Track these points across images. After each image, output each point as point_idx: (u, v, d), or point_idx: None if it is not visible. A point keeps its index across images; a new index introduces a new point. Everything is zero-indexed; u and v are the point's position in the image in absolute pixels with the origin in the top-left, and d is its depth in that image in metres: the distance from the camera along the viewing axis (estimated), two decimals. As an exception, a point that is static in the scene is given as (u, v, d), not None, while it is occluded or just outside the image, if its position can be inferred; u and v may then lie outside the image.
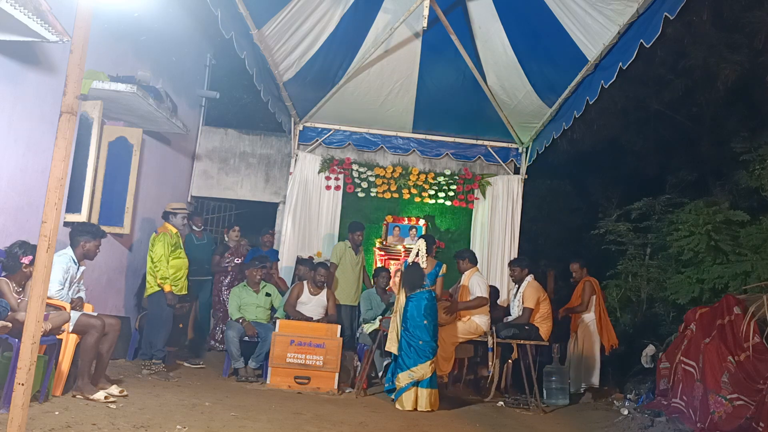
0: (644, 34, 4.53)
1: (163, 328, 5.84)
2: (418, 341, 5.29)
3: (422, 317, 5.34)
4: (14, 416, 2.44)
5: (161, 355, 5.80)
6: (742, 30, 7.83)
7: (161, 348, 5.80)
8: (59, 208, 2.54)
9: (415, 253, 5.59)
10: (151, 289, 5.87)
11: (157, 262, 5.79)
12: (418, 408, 5.22)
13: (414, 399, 5.24)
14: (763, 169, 7.11)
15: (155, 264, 5.81)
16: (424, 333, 5.31)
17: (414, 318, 5.35)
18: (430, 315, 5.39)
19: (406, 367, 5.26)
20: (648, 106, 9.42)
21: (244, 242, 7.64)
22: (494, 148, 8.45)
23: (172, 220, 6.07)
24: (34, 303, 2.49)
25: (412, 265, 5.55)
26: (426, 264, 5.53)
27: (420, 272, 5.49)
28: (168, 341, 5.93)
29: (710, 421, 4.50)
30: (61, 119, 2.57)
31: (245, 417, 4.31)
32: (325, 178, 8.24)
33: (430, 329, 5.35)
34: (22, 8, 3.59)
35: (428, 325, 5.35)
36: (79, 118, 5.09)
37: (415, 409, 5.21)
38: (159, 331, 5.82)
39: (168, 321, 5.88)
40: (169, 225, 6.03)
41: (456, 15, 6.34)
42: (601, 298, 6.73)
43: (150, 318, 5.92)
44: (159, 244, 5.83)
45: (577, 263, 6.89)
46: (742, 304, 4.95)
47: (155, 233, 5.97)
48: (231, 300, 6.39)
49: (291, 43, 6.14)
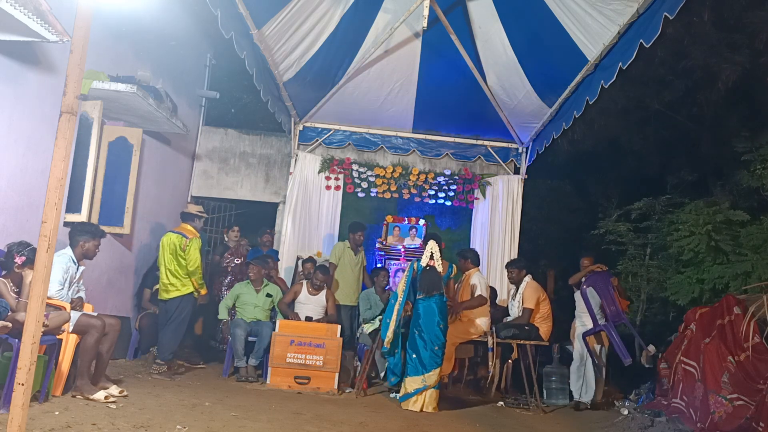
0: (644, 34, 4.53)
1: (184, 331, 5.91)
2: (434, 347, 5.25)
3: (439, 320, 5.30)
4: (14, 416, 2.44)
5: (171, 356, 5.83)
6: (743, 30, 7.82)
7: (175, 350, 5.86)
8: (59, 208, 2.54)
9: (428, 256, 5.51)
10: (176, 292, 5.80)
11: (196, 268, 5.82)
12: (424, 409, 5.21)
13: (423, 402, 5.23)
14: (764, 168, 7.10)
15: (193, 270, 5.81)
16: (440, 337, 5.29)
17: (429, 322, 5.29)
18: (444, 318, 5.38)
19: (421, 372, 5.22)
20: (648, 106, 9.40)
21: (243, 242, 7.64)
22: (494, 148, 8.45)
23: (195, 223, 6.08)
24: (34, 303, 2.48)
25: (429, 268, 5.46)
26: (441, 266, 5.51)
27: (438, 276, 5.45)
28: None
29: (710, 421, 4.50)
30: (61, 119, 2.57)
31: (245, 417, 4.31)
32: (325, 178, 8.24)
33: (444, 333, 5.34)
34: (22, 8, 3.60)
35: (444, 329, 5.34)
36: (79, 118, 5.09)
37: (421, 410, 5.20)
38: (178, 334, 5.84)
39: (186, 323, 5.94)
40: (189, 226, 6.02)
41: (456, 15, 6.34)
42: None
43: (171, 320, 5.80)
44: (195, 250, 5.84)
45: (589, 257, 6.42)
46: (742, 304, 4.95)
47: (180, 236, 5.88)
48: (228, 296, 6.41)
49: (291, 43, 6.14)
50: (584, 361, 6.04)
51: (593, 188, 10.83)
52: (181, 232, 5.95)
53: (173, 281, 5.81)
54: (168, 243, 5.88)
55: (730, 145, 7.78)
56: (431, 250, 5.52)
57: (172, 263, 5.81)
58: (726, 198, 7.76)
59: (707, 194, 8.27)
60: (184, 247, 5.81)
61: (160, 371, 5.66)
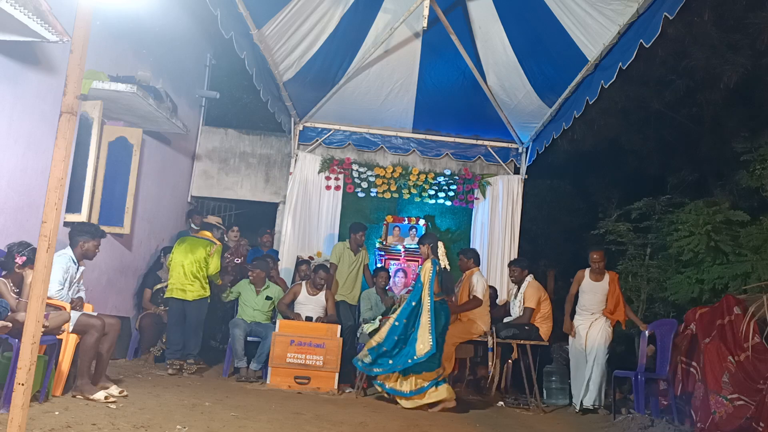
0: (644, 34, 4.54)
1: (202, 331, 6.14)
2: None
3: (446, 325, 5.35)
4: (14, 416, 2.43)
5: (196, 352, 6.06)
6: (744, 30, 7.82)
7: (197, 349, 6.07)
8: (59, 208, 2.54)
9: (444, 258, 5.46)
10: (196, 294, 6.02)
11: (216, 273, 6.16)
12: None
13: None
14: (763, 169, 7.10)
15: (213, 275, 6.14)
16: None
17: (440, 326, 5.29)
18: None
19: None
20: (648, 107, 9.41)
21: (243, 242, 7.64)
22: (494, 148, 8.45)
23: (215, 233, 6.35)
24: (34, 303, 2.48)
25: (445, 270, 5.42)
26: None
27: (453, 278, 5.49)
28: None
29: (711, 421, 4.50)
30: (61, 119, 2.56)
31: (245, 417, 4.31)
32: (325, 178, 8.24)
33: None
34: (22, 8, 3.59)
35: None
36: (79, 118, 5.09)
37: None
38: (198, 334, 6.07)
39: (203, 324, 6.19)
40: (209, 233, 6.26)
41: (456, 15, 6.34)
42: None
43: (193, 320, 6.01)
44: (219, 259, 6.17)
45: (599, 251, 6.06)
46: (742, 304, 4.95)
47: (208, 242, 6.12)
48: (233, 289, 6.52)
49: (291, 43, 6.14)
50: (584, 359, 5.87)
51: (593, 188, 10.83)
52: (207, 238, 6.19)
53: (193, 282, 6.00)
54: (192, 247, 6.06)
55: (730, 145, 7.79)
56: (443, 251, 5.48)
57: (194, 266, 6.00)
58: (726, 198, 7.76)
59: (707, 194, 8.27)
60: (212, 253, 6.07)
61: (190, 370, 5.85)
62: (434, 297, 5.28)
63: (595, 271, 5.96)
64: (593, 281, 5.96)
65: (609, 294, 5.91)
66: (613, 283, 5.92)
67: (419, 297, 5.33)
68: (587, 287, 5.97)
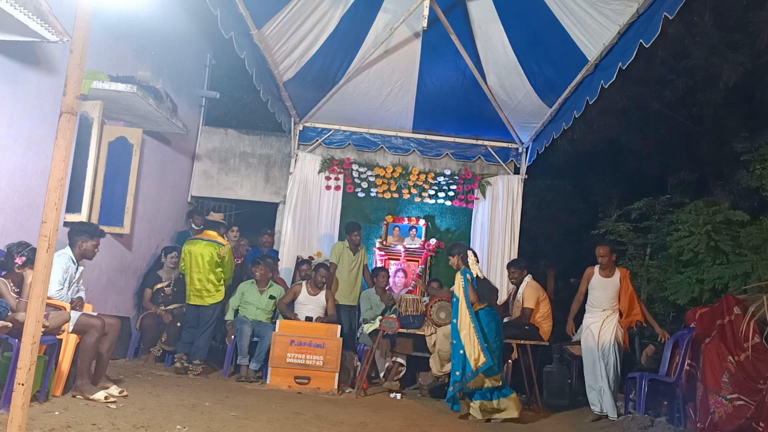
0: (644, 34, 4.54)
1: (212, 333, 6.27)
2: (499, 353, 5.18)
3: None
4: (14, 416, 2.43)
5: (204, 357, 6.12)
6: (743, 30, 7.82)
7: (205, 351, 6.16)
8: (59, 208, 2.54)
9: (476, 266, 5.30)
10: (213, 299, 6.14)
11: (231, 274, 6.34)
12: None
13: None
14: (763, 169, 7.11)
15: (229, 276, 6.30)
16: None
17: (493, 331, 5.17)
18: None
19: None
20: (648, 106, 9.41)
21: (243, 242, 7.64)
22: (494, 148, 8.45)
23: (220, 231, 6.38)
24: (34, 303, 2.48)
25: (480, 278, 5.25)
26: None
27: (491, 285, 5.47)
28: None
29: (710, 421, 4.50)
30: (61, 119, 2.56)
31: (245, 417, 4.31)
32: (325, 178, 8.24)
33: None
34: (22, 8, 3.59)
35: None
36: (79, 118, 5.09)
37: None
38: (209, 335, 6.17)
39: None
40: (214, 233, 6.26)
41: (456, 15, 6.34)
42: None
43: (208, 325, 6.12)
44: (232, 257, 6.29)
45: (605, 246, 5.83)
46: (742, 304, 4.95)
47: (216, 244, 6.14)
48: (234, 296, 6.47)
49: (291, 43, 6.14)
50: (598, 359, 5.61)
51: (593, 188, 10.84)
52: (213, 240, 6.19)
53: (209, 288, 6.10)
54: (200, 253, 6.09)
55: (730, 145, 7.79)
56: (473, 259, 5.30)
57: (208, 272, 6.08)
58: (726, 198, 7.78)
59: (707, 194, 8.28)
60: (223, 255, 6.13)
61: (196, 372, 5.88)
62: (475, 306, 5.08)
63: (604, 267, 5.75)
64: (603, 277, 5.77)
65: (621, 291, 5.73)
66: (624, 280, 5.75)
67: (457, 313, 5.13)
68: (597, 284, 5.78)
